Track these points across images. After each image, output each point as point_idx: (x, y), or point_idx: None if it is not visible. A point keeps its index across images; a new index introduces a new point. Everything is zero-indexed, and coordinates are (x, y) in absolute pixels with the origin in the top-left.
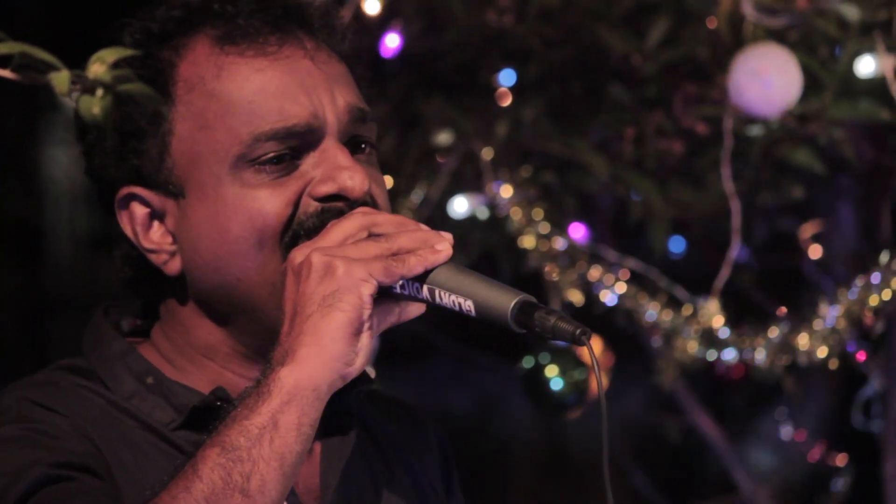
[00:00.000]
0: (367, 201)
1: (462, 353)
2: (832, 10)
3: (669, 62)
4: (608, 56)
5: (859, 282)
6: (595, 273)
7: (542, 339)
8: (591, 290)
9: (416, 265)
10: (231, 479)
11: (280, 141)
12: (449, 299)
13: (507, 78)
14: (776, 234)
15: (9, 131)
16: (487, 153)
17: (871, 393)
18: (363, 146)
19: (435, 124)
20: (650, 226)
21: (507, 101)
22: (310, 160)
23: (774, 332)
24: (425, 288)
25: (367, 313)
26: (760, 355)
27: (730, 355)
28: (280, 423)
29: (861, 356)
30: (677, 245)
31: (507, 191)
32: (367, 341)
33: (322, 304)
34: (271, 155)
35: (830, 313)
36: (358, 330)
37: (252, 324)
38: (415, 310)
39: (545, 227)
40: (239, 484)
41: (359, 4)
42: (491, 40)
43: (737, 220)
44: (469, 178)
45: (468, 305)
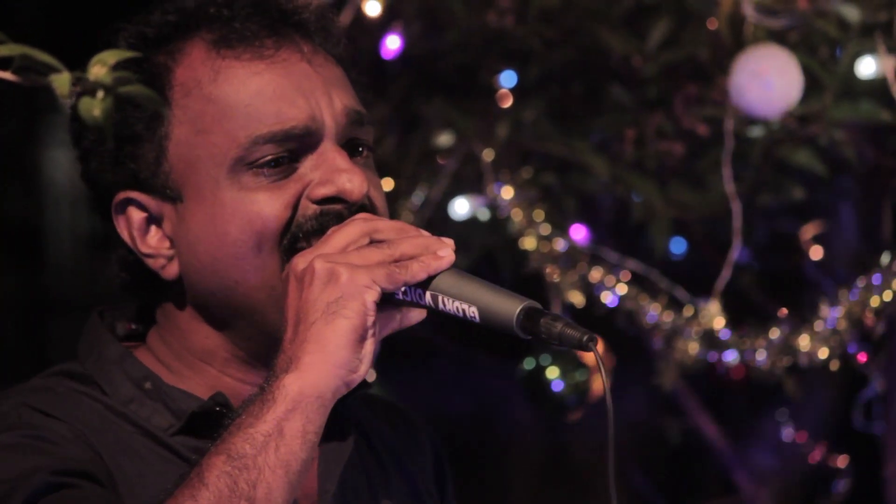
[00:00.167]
0: (365, 204)
1: (463, 355)
2: (833, 11)
3: (670, 63)
4: (609, 57)
5: (860, 283)
6: (596, 274)
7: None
8: (592, 292)
9: (419, 271)
10: (237, 487)
11: (278, 144)
12: (452, 305)
13: (507, 79)
14: (777, 235)
15: (9, 133)
16: (488, 154)
17: (872, 394)
18: (361, 149)
19: (435, 126)
20: (651, 227)
21: (507, 103)
22: (308, 163)
23: (775, 334)
24: (428, 294)
25: (370, 320)
26: (761, 356)
27: (731, 356)
28: (285, 431)
29: (862, 357)
30: (678, 246)
31: (507, 192)
32: (370, 348)
33: (326, 311)
34: (269, 158)
35: (831, 314)
36: (362, 337)
37: (250, 328)
38: (416, 315)
39: (546, 229)
40: (245, 492)
41: (359, 6)
42: (491, 41)
43: (737, 221)
44: (470, 180)
45: (472, 312)
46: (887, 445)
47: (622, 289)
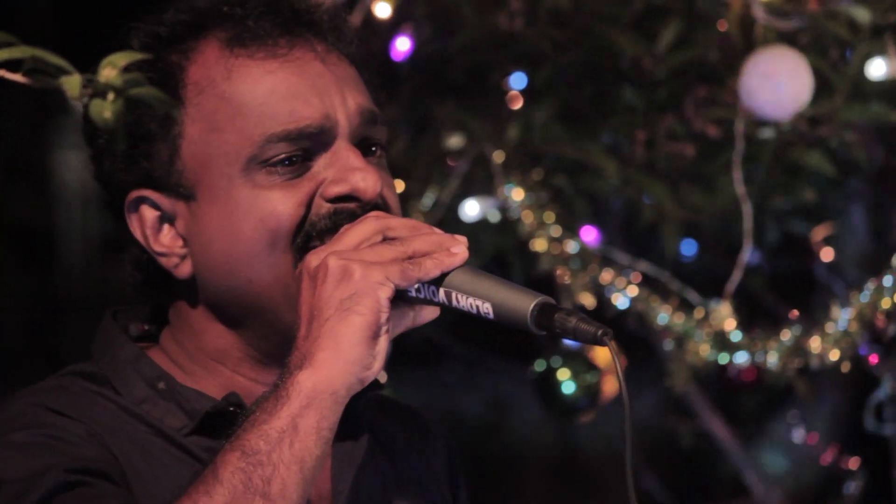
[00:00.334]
0: (378, 203)
1: (473, 357)
2: (843, 13)
3: (680, 65)
4: (619, 59)
5: (871, 284)
6: (607, 276)
7: (561, 340)
8: (603, 294)
9: (432, 268)
10: (252, 483)
11: (292, 142)
12: (466, 302)
13: (517, 81)
14: (788, 236)
15: (20, 135)
16: (499, 156)
17: (883, 396)
18: (374, 148)
19: (446, 128)
20: (662, 229)
21: (518, 105)
22: (321, 161)
23: (786, 335)
24: (441, 291)
25: (384, 317)
26: (772, 358)
27: (742, 358)
28: (300, 427)
29: (873, 359)
30: (689, 248)
31: (518, 194)
32: (384, 345)
33: (339, 307)
34: (283, 156)
35: (842, 316)
36: (376, 333)
37: (263, 327)
38: (429, 313)
39: (557, 231)
40: (259, 488)
41: (369, 8)
42: (502, 44)
43: (748, 222)
44: (480, 182)
45: (486, 308)
46: None
47: (633, 291)
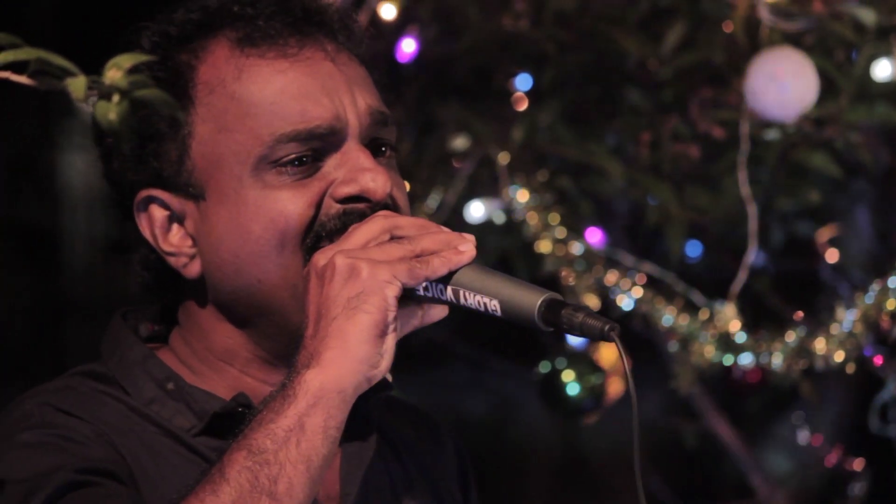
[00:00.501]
0: (388, 203)
1: (478, 358)
2: (848, 14)
3: (685, 66)
4: (624, 60)
5: (876, 286)
6: (611, 278)
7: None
8: (608, 295)
9: (440, 266)
10: (258, 483)
11: (302, 142)
12: (474, 300)
13: (523, 82)
14: (793, 238)
15: (25, 136)
16: (504, 158)
17: (888, 397)
18: (384, 149)
19: (451, 129)
20: (666, 230)
21: (523, 106)
22: (331, 162)
23: (791, 337)
24: (449, 289)
25: (391, 315)
26: (777, 360)
27: (746, 360)
28: (307, 426)
29: (878, 360)
30: (694, 249)
31: (523, 195)
32: (391, 343)
33: (347, 306)
34: (293, 156)
35: (847, 317)
36: (383, 332)
37: (272, 327)
38: (438, 312)
39: (561, 232)
40: (266, 487)
41: (375, 9)
42: (507, 45)
43: (753, 224)
44: (485, 183)
45: (494, 305)
46: None
47: (638, 292)
